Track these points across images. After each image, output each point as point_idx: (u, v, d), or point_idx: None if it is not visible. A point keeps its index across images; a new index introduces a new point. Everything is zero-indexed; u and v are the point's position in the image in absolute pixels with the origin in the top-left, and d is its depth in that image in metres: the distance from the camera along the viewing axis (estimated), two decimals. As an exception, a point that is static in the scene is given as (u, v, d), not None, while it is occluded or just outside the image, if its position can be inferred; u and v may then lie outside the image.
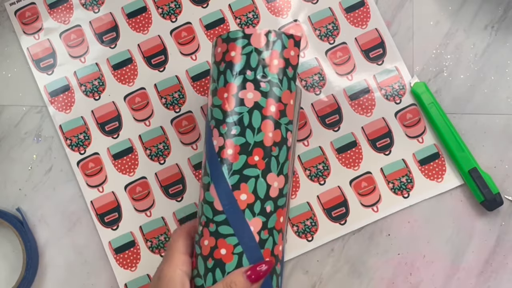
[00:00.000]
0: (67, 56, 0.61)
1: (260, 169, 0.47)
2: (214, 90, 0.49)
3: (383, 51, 0.60)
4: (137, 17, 0.61)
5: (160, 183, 0.59)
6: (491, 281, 0.57)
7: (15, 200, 0.59)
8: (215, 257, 0.46)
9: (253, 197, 0.46)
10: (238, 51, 0.48)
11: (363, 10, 0.61)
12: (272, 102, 0.48)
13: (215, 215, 0.47)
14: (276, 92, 0.48)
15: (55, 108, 0.60)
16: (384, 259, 0.57)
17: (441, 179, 0.58)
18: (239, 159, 0.47)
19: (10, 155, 0.60)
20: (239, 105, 0.47)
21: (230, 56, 0.48)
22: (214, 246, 0.46)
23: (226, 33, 0.49)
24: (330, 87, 0.60)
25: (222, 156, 0.47)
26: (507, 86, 0.59)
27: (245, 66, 0.48)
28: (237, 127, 0.47)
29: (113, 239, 0.58)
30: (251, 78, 0.48)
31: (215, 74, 0.49)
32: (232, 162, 0.47)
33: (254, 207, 0.46)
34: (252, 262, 0.46)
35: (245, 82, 0.48)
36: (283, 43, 0.49)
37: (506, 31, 0.60)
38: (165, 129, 0.60)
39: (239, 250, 0.46)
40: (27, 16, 0.61)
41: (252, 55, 0.48)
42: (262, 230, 0.47)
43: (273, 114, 0.48)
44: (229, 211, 0.46)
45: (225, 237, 0.46)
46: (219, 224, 0.46)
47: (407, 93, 0.59)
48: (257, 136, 0.47)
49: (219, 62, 0.49)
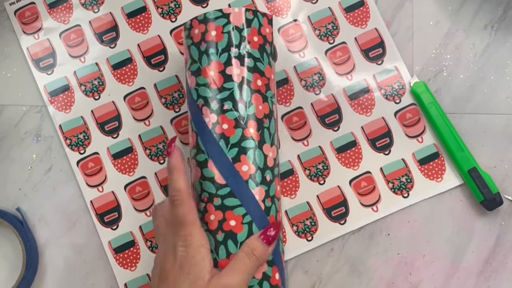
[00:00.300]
0: (67, 56, 0.61)
1: (256, 140, 0.49)
2: (197, 70, 0.50)
3: (382, 51, 0.60)
4: (137, 17, 0.61)
5: (160, 183, 0.59)
6: (491, 281, 0.57)
7: (15, 199, 0.59)
8: (225, 229, 0.47)
9: (254, 167, 0.49)
10: (219, 30, 0.50)
11: (363, 10, 0.61)
12: (258, 77, 0.50)
13: (218, 189, 0.48)
14: (260, 67, 0.51)
15: (55, 108, 0.60)
16: (383, 258, 0.57)
17: (440, 179, 0.58)
18: (235, 132, 0.49)
19: (10, 155, 0.60)
20: (228, 81, 0.49)
21: (211, 36, 0.50)
22: (222, 219, 0.48)
23: (202, 14, 0.51)
24: (329, 86, 0.60)
25: (217, 132, 0.49)
26: (507, 86, 0.59)
27: (228, 43, 0.50)
28: (229, 102, 0.49)
29: (113, 239, 0.58)
30: (236, 55, 0.50)
31: (195, 54, 0.51)
32: (229, 136, 0.48)
33: (256, 177, 0.49)
34: (259, 228, 0.48)
35: (230, 59, 0.50)
36: (259, 21, 0.51)
37: (506, 31, 0.60)
38: (165, 129, 0.60)
39: (248, 220, 0.48)
40: (27, 15, 0.61)
41: (234, 33, 0.50)
42: (265, 198, 0.49)
43: (260, 88, 0.50)
44: (233, 183, 0.48)
45: (232, 209, 0.48)
46: (224, 197, 0.48)
47: (406, 93, 0.59)
48: (249, 109, 0.49)
49: (198, 42, 0.51)
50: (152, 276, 0.48)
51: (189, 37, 0.51)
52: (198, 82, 0.50)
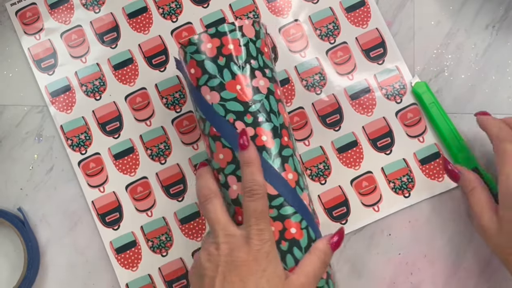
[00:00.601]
0: (68, 56, 0.61)
1: (291, 148, 0.50)
2: (219, 85, 0.49)
3: (383, 51, 0.60)
4: (138, 17, 0.61)
5: (161, 183, 0.59)
6: (491, 281, 0.57)
7: (16, 200, 0.59)
8: (287, 238, 0.48)
9: (296, 174, 0.50)
10: (236, 43, 0.50)
11: (364, 10, 0.60)
12: (277, 86, 0.52)
13: (271, 200, 0.48)
14: (275, 77, 0.52)
15: (56, 108, 0.60)
16: (384, 258, 0.57)
17: (442, 179, 0.58)
18: (274, 143, 0.49)
19: (11, 155, 0.60)
20: (256, 93, 0.49)
21: (229, 49, 0.49)
22: (282, 229, 0.48)
23: (213, 29, 0.50)
24: (330, 86, 0.60)
25: (257, 144, 0.49)
26: (508, 86, 0.59)
27: (247, 56, 0.50)
28: (262, 114, 0.49)
29: (114, 239, 0.58)
30: (256, 67, 0.50)
31: (212, 69, 0.49)
32: (270, 148, 0.49)
33: (300, 183, 0.50)
34: (314, 231, 0.49)
35: (253, 71, 0.50)
36: (265, 31, 0.52)
37: (507, 31, 0.60)
38: (166, 129, 0.60)
39: (305, 225, 0.49)
40: (28, 16, 0.62)
41: (250, 45, 0.50)
42: (310, 202, 0.51)
43: (281, 97, 0.52)
44: (285, 192, 0.48)
45: (290, 217, 0.48)
46: (279, 207, 0.48)
47: (407, 93, 0.59)
48: (280, 119, 0.50)
49: (215, 57, 0.49)
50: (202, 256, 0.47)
51: (199, 52, 0.50)
52: (223, 97, 0.49)
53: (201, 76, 0.50)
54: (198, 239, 0.58)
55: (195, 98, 0.51)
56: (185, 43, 0.50)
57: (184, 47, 0.51)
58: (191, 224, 0.59)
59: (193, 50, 0.50)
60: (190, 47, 0.50)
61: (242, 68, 0.50)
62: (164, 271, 0.58)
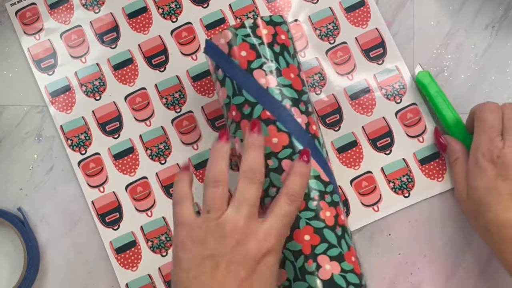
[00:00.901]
0: (68, 56, 0.61)
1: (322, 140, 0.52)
2: (276, 70, 0.50)
3: (383, 51, 0.60)
4: (138, 17, 0.61)
5: (161, 183, 0.59)
6: (491, 281, 0.57)
7: (16, 200, 0.59)
8: (340, 223, 0.49)
9: (332, 165, 0.52)
10: (286, 35, 0.51)
11: (363, 10, 0.60)
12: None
13: (325, 186, 0.49)
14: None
15: (56, 109, 0.60)
16: (384, 258, 0.57)
17: (441, 179, 0.58)
18: (320, 133, 0.52)
19: (11, 155, 0.60)
20: (304, 85, 0.51)
21: (282, 39, 0.51)
22: (336, 214, 0.49)
23: (267, 16, 0.51)
24: (330, 86, 0.60)
25: (310, 132, 0.50)
26: (508, 86, 0.59)
27: (294, 49, 0.52)
28: (310, 105, 0.51)
29: (114, 239, 0.58)
30: (299, 61, 0.53)
31: (269, 54, 0.50)
32: (318, 137, 0.51)
33: (334, 173, 0.52)
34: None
35: (299, 64, 0.52)
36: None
37: (507, 31, 0.60)
38: (166, 129, 0.60)
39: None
40: (28, 16, 0.62)
41: (293, 40, 0.53)
42: None
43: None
44: (333, 180, 0.51)
45: (339, 204, 0.50)
46: (332, 193, 0.49)
47: (407, 93, 0.59)
48: (314, 112, 0.53)
49: (271, 43, 0.50)
50: None
51: (255, 35, 0.50)
52: (279, 82, 0.49)
53: (254, 60, 0.50)
54: (198, 239, 0.58)
55: (244, 81, 0.50)
56: (237, 25, 0.50)
57: (235, 29, 0.50)
58: (191, 224, 0.58)
59: (247, 33, 0.50)
60: (242, 30, 0.50)
61: (293, 58, 0.51)
62: (164, 271, 0.58)
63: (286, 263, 0.47)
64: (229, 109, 0.51)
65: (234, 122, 0.50)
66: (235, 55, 0.50)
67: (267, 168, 0.49)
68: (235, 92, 0.50)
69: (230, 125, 0.51)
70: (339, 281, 0.46)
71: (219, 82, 0.51)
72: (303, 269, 0.47)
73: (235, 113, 0.50)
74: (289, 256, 0.47)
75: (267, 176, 0.49)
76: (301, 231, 0.47)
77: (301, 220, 0.48)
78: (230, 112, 0.51)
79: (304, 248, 0.47)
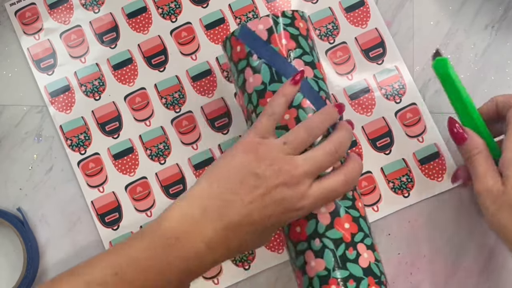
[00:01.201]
0: (68, 56, 0.61)
1: None
2: (311, 63, 0.50)
3: (383, 51, 0.60)
4: (137, 17, 0.61)
5: (160, 183, 0.59)
6: (491, 281, 0.57)
7: (15, 200, 0.59)
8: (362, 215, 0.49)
9: None
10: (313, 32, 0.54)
11: (363, 10, 0.61)
12: None
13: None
14: None
15: (56, 109, 0.60)
16: (384, 258, 0.57)
17: (441, 179, 0.58)
18: None
19: (10, 155, 0.60)
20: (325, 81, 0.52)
21: (312, 35, 0.53)
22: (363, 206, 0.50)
23: (301, 11, 0.52)
24: (330, 86, 0.60)
25: None
26: (507, 86, 0.59)
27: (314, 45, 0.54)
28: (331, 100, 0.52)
29: (114, 239, 0.58)
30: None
31: (306, 46, 0.50)
32: None
33: None
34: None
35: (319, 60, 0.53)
36: None
37: (507, 31, 0.60)
38: (166, 129, 0.60)
39: None
40: (27, 16, 0.62)
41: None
42: None
43: None
44: None
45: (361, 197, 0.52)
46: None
47: (407, 93, 0.59)
48: None
49: (306, 36, 0.51)
50: None
51: (294, 26, 0.50)
52: (316, 75, 0.50)
53: (294, 49, 0.50)
54: (198, 239, 0.58)
55: (284, 68, 0.49)
56: (278, 14, 0.50)
57: (276, 17, 0.50)
58: (190, 224, 0.58)
59: (288, 22, 0.50)
60: (285, 19, 0.50)
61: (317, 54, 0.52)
62: (164, 271, 0.58)
63: (325, 252, 0.47)
64: (263, 96, 0.49)
65: None
66: (276, 42, 0.49)
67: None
68: (273, 78, 0.49)
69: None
70: (375, 269, 0.47)
71: (252, 68, 0.50)
72: (344, 257, 0.47)
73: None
74: (328, 244, 0.47)
75: None
76: (341, 219, 0.47)
77: (341, 208, 0.48)
78: (264, 99, 0.49)
79: (344, 236, 0.47)
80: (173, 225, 0.44)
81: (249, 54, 0.50)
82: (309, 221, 0.48)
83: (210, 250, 0.43)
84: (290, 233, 0.49)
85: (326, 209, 0.47)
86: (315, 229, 0.47)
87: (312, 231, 0.47)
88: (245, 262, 0.57)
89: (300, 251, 0.48)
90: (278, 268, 0.57)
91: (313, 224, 0.47)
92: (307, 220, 0.48)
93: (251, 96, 0.50)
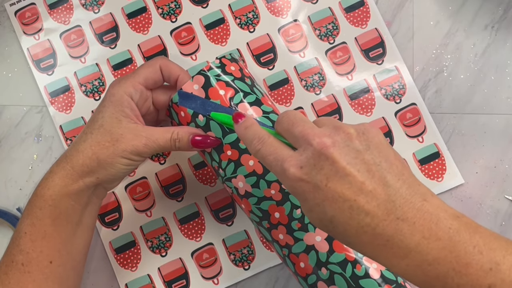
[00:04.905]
0: (67, 56, 0.61)
1: None
2: (255, 101, 0.52)
3: (383, 51, 0.60)
4: (137, 17, 0.61)
5: (160, 183, 0.59)
6: (491, 281, 0.56)
7: (15, 200, 0.59)
8: None
9: None
10: (247, 68, 0.56)
11: (363, 10, 0.60)
12: None
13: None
14: None
15: (56, 109, 0.60)
16: (384, 258, 0.57)
17: (441, 179, 0.58)
18: None
19: (10, 155, 0.60)
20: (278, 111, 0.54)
21: (247, 73, 0.54)
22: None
23: (228, 54, 0.53)
24: (330, 87, 0.60)
25: None
26: (507, 86, 0.59)
27: (253, 80, 0.55)
28: None
29: (113, 239, 0.58)
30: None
31: (244, 87, 0.52)
32: None
33: None
34: None
35: (263, 92, 0.55)
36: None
37: (506, 31, 0.60)
38: (165, 129, 0.60)
39: None
40: (27, 16, 0.62)
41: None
42: None
43: None
44: None
45: None
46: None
47: (407, 93, 0.59)
48: None
49: (241, 77, 0.53)
50: None
51: (226, 73, 0.51)
52: (264, 110, 0.51)
53: (234, 95, 0.50)
54: (198, 239, 0.58)
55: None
56: (206, 68, 0.50)
57: (204, 72, 0.50)
58: (190, 224, 0.59)
59: (217, 73, 0.51)
60: (212, 71, 0.51)
61: (259, 89, 0.53)
62: (164, 271, 0.58)
63: (335, 278, 0.47)
64: (222, 150, 0.50)
65: (232, 161, 0.50)
66: (214, 95, 0.50)
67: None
68: (225, 131, 0.49)
69: (226, 167, 0.50)
70: (388, 275, 0.47)
71: (201, 128, 0.50)
72: (355, 276, 0.47)
73: (230, 152, 0.50)
74: (335, 269, 0.47)
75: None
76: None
77: None
78: (225, 154, 0.50)
79: (347, 255, 0.47)
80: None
81: (194, 115, 0.50)
82: (309, 254, 0.48)
83: None
84: (297, 270, 0.49)
85: (321, 237, 0.47)
86: (317, 259, 0.48)
87: (316, 263, 0.48)
88: (245, 262, 0.58)
89: (312, 284, 0.48)
90: (278, 268, 0.58)
91: (313, 256, 0.48)
92: (307, 254, 0.48)
93: (211, 154, 0.51)
